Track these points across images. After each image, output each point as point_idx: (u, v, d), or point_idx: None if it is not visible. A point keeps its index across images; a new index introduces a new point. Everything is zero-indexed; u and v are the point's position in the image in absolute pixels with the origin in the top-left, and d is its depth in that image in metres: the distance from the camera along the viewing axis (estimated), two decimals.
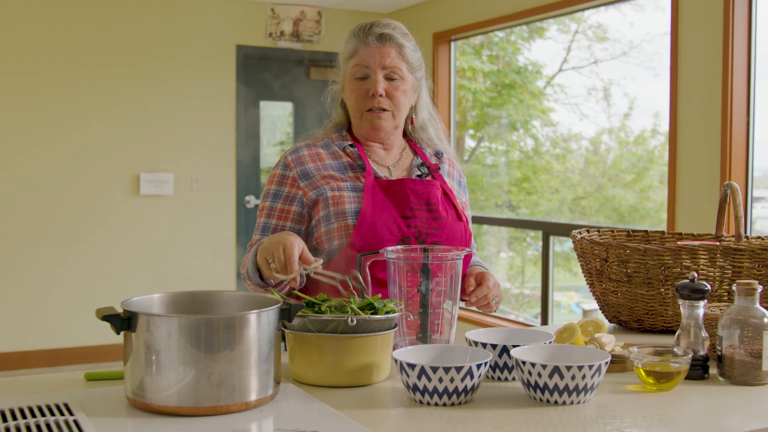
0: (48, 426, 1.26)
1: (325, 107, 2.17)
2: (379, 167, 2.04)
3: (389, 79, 1.99)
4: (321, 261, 1.70)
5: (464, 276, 1.96)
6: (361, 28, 2.02)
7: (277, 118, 7.04)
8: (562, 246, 6.61)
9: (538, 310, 6.32)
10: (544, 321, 5.59)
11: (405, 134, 2.15)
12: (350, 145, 2.04)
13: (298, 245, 1.69)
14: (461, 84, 7.00)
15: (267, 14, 6.56)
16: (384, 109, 1.99)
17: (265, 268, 1.75)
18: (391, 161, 2.08)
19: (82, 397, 1.42)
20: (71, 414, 1.32)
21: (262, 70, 6.68)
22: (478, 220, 6.59)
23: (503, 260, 7.77)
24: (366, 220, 1.89)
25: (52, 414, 1.32)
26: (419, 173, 2.06)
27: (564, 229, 5.51)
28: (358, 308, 1.54)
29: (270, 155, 6.79)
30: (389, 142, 2.08)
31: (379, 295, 1.63)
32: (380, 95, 1.98)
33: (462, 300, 2.02)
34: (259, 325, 1.37)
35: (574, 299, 7.24)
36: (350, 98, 2.03)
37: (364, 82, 2.00)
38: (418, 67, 2.06)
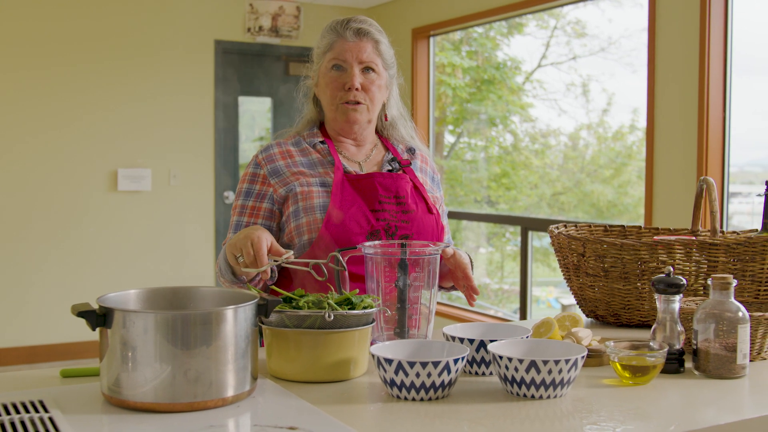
0: (23, 423, 1.25)
1: (297, 103, 2.17)
2: (350, 162, 2.05)
3: (365, 73, 2.00)
4: (291, 252, 1.70)
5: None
6: (337, 22, 2.03)
7: (255, 113, 7.01)
8: (541, 241, 6.64)
9: (517, 305, 6.34)
10: (523, 316, 5.62)
11: (377, 131, 2.16)
12: (321, 142, 2.05)
13: (266, 238, 1.69)
14: (440, 80, 7.00)
15: (245, 9, 6.54)
16: (359, 102, 2.00)
17: (235, 264, 1.75)
18: (362, 157, 2.09)
19: (57, 394, 1.41)
20: (46, 411, 1.31)
21: (240, 66, 6.66)
22: (457, 215, 6.60)
23: (482, 256, 7.79)
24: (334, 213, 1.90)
25: (27, 411, 1.31)
26: (390, 168, 2.07)
27: (543, 225, 5.53)
28: (336, 303, 1.54)
29: (249, 151, 6.76)
30: (361, 138, 2.09)
31: (357, 291, 1.63)
32: (356, 89, 1.99)
33: (443, 288, 2.03)
34: (236, 321, 1.36)
35: (553, 294, 7.27)
36: (326, 91, 2.03)
37: (341, 76, 2.01)
38: (391, 64, 2.09)
